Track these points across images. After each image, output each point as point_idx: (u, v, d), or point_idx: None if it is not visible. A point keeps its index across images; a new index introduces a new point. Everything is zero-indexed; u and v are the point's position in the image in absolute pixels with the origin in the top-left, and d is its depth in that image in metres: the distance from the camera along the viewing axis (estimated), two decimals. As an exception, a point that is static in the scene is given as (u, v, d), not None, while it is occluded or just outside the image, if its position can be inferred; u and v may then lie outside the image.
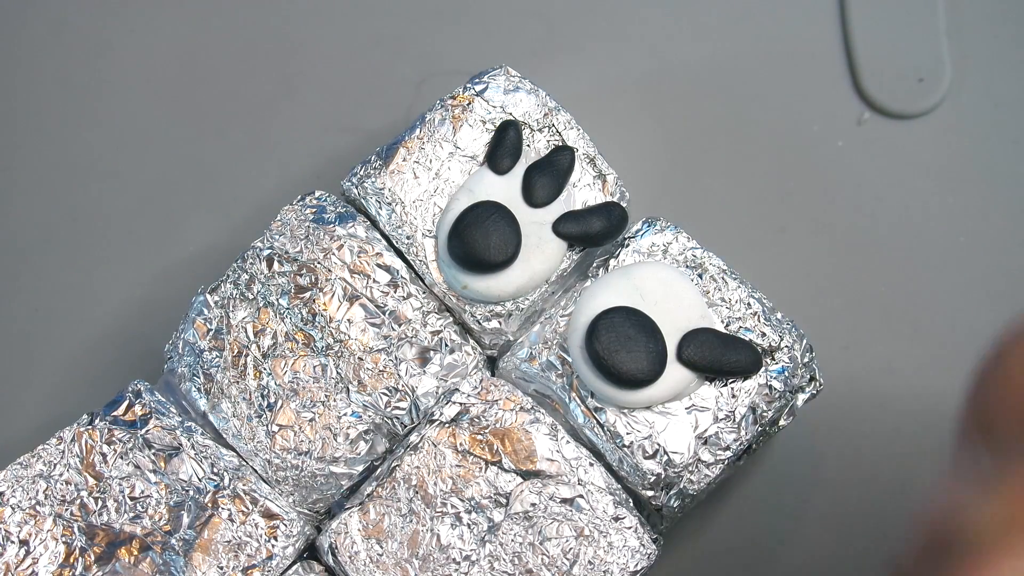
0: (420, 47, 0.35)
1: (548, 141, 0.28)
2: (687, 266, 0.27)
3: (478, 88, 0.28)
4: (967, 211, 0.33)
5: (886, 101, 0.35)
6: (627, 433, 0.26)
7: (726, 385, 0.27)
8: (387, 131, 0.34)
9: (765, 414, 0.27)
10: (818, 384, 0.27)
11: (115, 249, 0.33)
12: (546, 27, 0.36)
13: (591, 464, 0.26)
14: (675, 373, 0.26)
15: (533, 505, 0.26)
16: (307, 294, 0.27)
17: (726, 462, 0.26)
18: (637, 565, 0.26)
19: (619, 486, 0.26)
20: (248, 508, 0.26)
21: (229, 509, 0.26)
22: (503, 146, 0.28)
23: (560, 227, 0.27)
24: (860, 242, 0.33)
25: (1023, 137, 0.34)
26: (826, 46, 0.35)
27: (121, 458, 0.26)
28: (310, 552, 0.27)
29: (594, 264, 0.28)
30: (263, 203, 0.34)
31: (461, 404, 0.27)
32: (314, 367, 0.27)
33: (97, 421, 0.27)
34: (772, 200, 0.34)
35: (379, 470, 0.27)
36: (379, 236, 0.28)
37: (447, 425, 0.26)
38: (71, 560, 0.26)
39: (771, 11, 0.36)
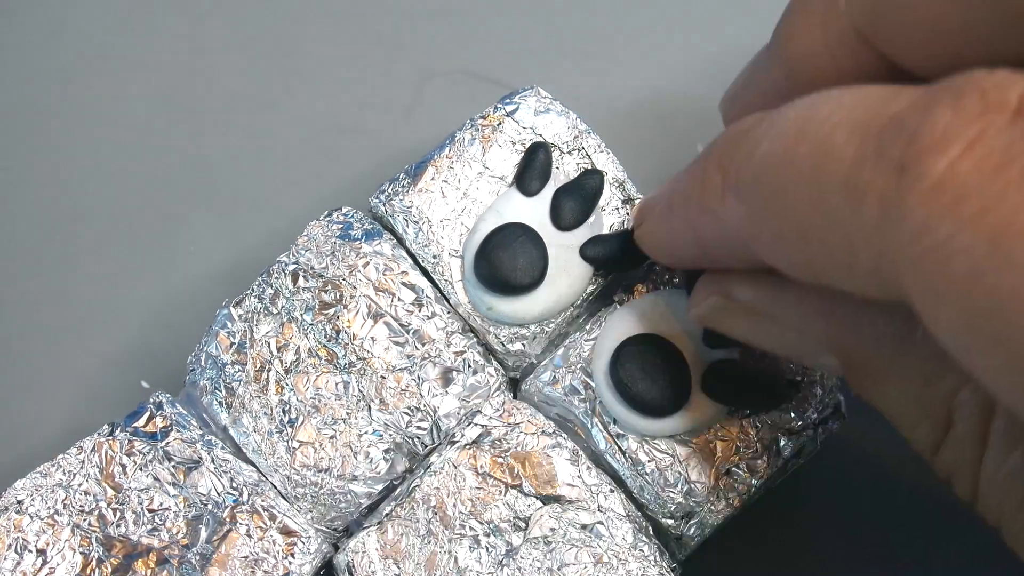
0: (420, 47, 0.35)
1: (577, 164, 0.28)
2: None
3: (508, 109, 0.28)
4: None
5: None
6: (648, 461, 0.26)
7: (749, 416, 0.27)
8: (387, 131, 0.34)
9: (788, 446, 0.27)
10: (842, 416, 0.27)
11: (138, 258, 0.33)
12: (547, 27, 0.35)
13: (611, 491, 0.26)
14: (699, 403, 0.26)
15: (552, 530, 0.26)
16: (331, 310, 0.27)
17: (747, 494, 0.26)
18: (655, 594, 0.26)
19: (639, 514, 0.26)
20: (266, 524, 0.26)
21: (247, 524, 0.26)
22: (532, 168, 0.28)
23: (587, 251, 0.27)
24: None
25: None
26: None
27: (140, 470, 0.26)
28: (327, 570, 0.27)
29: (620, 289, 0.28)
30: (262, 203, 0.34)
31: (483, 426, 0.27)
32: (336, 384, 0.27)
33: (118, 432, 0.27)
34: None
35: (399, 490, 0.27)
36: (405, 254, 0.28)
37: (468, 447, 0.26)
38: (88, 571, 0.26)
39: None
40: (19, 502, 0.26)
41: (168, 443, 0.27)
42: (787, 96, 0.19)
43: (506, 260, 0.27)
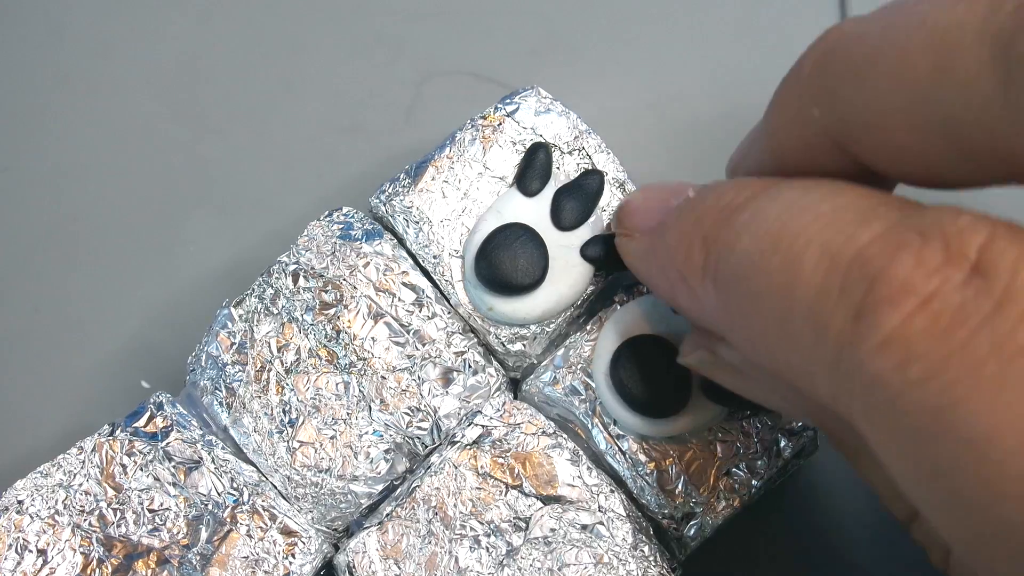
0: (420, 47, 0.35)
1: (578, 164, 0.28)
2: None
3: (509, 109, 0.28)
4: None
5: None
6: (649, 461, 0.26)
7: (749, 417, 0.27)
8: (387, 131, 0.34)
9: (788, 447, 0.27)
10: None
11: (138, 258, 0.33)
12: (547, 27, 0.35)
13: (612, 491, 0.26)
14: (699, 404, 0.26)
15: (552, 531, 0.26)
16: (332, 311, 0.27)
17: (747, 495, 0.26)
18: (655, 595, 0.26)
19: (639, 514, 0.26)
20: (266, 524, 0.26)
21: (247, 525, 0.26)
22: (533, 168, 0.28)
23: (587, 251, 0.27)
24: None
25: None
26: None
27: (141, 470, 0.26)
28: (327, 570, 0.27)
29: (620, 289, 0.28)
30: (262, 203, 0.34)
31: (483, 426, 0.27)
32: (337, 384, 0.27)
33: (118, 432, 0.27)
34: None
35: (399, 490, 0.27)
36: (405, 255, 0.28)
37: (469, 447, 0.26)
38: (88, 571, 0.26)
39: (781, 27, 0.35)
40: (19, 502, 0.26)
41: (168, 443, 0.27)
42: (777, 175, 0.19)
43: (507, 260, 0.27)
